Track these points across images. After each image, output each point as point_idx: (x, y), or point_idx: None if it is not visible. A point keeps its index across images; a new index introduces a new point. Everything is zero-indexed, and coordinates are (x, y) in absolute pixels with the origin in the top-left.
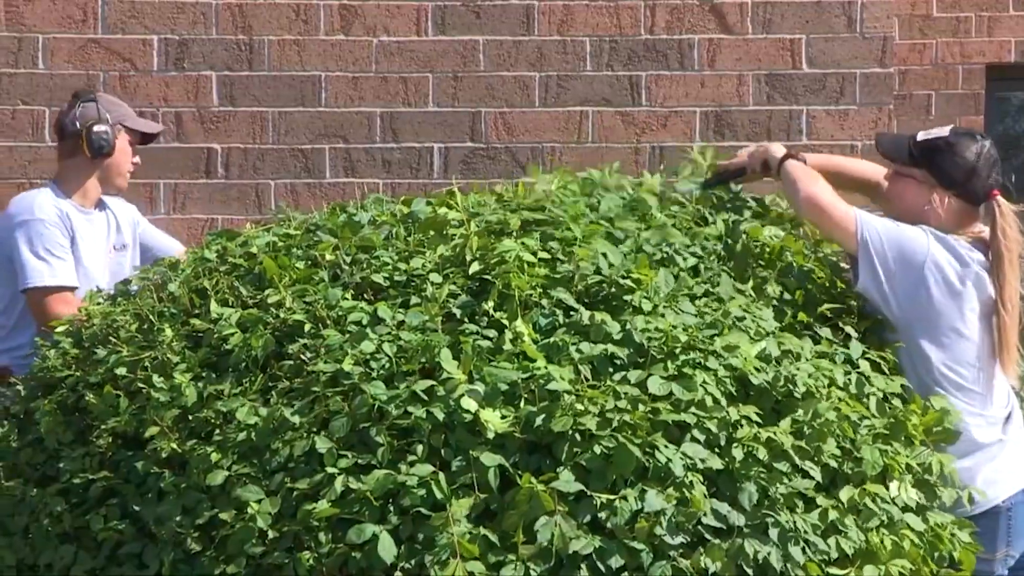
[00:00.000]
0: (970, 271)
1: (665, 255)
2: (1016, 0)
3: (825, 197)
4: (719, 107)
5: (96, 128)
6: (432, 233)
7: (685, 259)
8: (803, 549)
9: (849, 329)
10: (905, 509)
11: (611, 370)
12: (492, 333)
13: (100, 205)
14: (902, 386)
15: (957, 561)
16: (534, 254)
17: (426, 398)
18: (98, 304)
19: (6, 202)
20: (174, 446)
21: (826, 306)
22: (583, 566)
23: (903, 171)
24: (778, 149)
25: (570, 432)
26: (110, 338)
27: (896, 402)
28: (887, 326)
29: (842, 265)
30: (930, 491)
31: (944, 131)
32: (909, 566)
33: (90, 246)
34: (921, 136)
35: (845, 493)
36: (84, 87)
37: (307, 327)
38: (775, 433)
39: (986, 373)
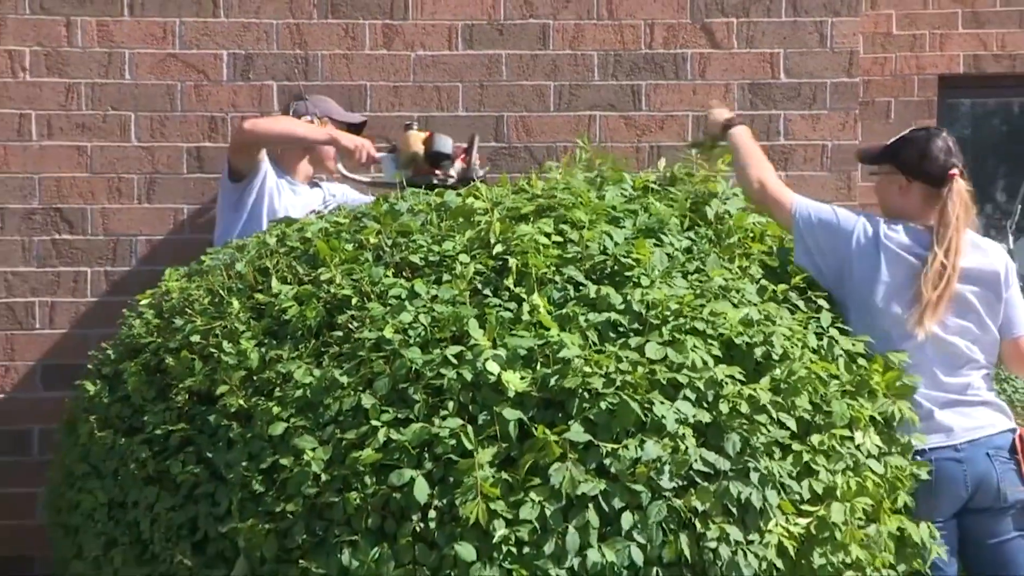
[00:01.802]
0: (889, 250)
1: (661, 237)
2: (964, 20)
3: (771, 181)
4: (709, 112)
5: (304, 119)
6: (461, 220)
7: (679, 241)
8: (779, 490)
9: (821, 301)
10: (868, 455)
11: (614, 336)
12: (512, 305)
13: (312, 184)
14: (865, 347)
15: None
16: (548, 237)
17: (456, 362)
18: (176, 281)
19: (100, 195)
20: (241, 402)
21: (799, 278)
22: (590, 506)
23: (877, 171)
24: (720, 113)
25: (579, 390)
26: (186, 310)
27: (861, 361)
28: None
29: None
30: (890, 439)
31: (907, 131)
32: (870, 503)
33: (294, 213)
34: (890, 141)
35: (816, 441)
36: (163, 96)
37: (354, 300)
38: (755, 390)
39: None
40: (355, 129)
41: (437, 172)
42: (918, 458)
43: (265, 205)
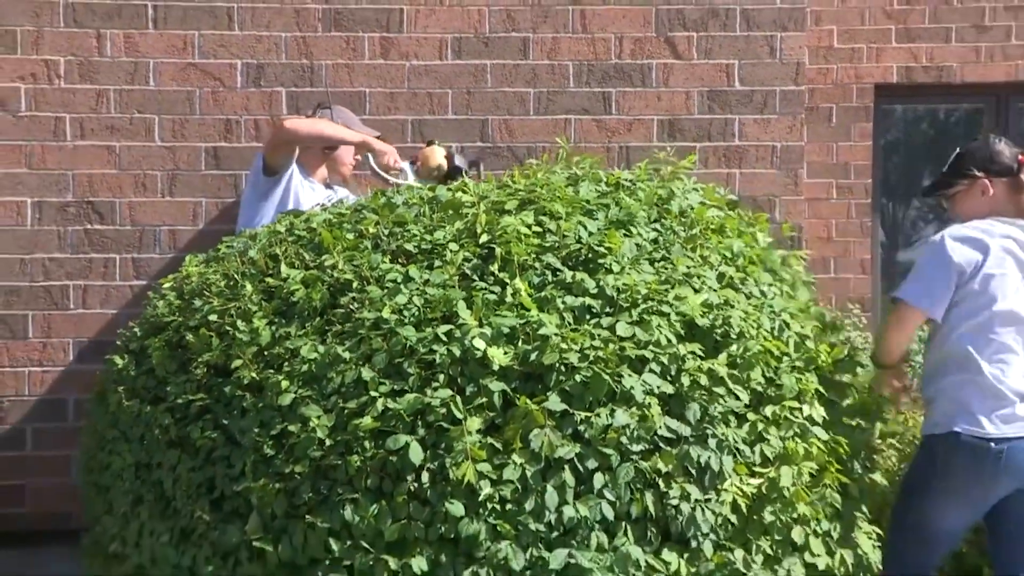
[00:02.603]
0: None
1: (630, 229)
2: (897, 35)
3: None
4: (671, 116)
5: None
6: (450, 212)
7: (647, 232)
8: (734, 455)
9: (774, 288)
10: (813, 423)
11: (588, 317)
12: (497, 289)
13: (327, 185)
14: (813, 328)
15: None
16: (529, 227)
17: (446, 339)
18: (195, 266)
19: (127, 189)
20: (253, 375)
21: (752, 267)
22: (566, 467)
23: (951, 192)
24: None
25: (556, 365)
26: (204, 292)
27: (809, 343)
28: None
29: (767, 238)
30: (833, 409)
31: (953, 154)
32: (815, 467)
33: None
34: (946, 167)
35: (768, 411)
36: (183, 101)
37: (355, 284)
38: (714, 365)
39: None
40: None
41: (450, 183)
42: (992, 445)
43: (291, 199)
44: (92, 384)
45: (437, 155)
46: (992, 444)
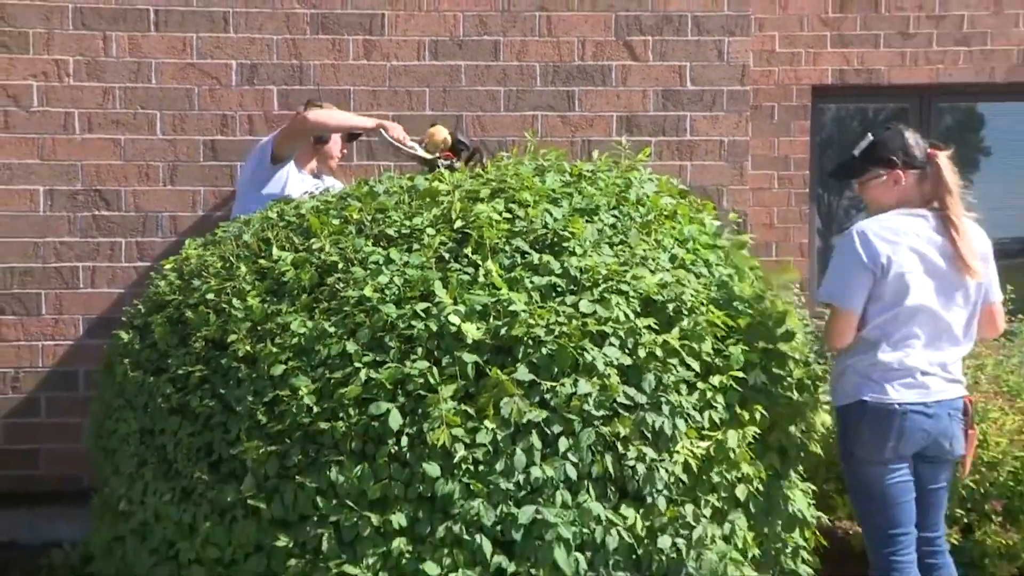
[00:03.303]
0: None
1: (592, 215)
2: (832, 42)
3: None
4: (629, 113)
5: None
6: (428, 200)
7: (607, 218)
8: (686, 420)
9: (721, 269)
10: (756, 391)
11: (554, 295)
12: (470, 270)
13: (316, 175)
14: (759, 302)
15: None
16: (499, 214)
17: (424, 315)
18: (194, 249)
19: (132, 179)
20: (247, 348)
21: (703, 251)
22: (533, 432)
23: (864, 179)
24: None
25: (525, 338)
26: (202, 273)
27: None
28: None
29: (715, 222)
30: (775, 378)
31: (864, 140)
32: (758, 431)
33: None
34: (857, 151)
35: (716, 380)
36: (183, 98)
37: (340, 265)
38: (668, 338)
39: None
40: (354, 136)
41: (451, 156)
42: (896, 407)
43: (289, 186)
44: (100, 357)
45: (442, 131)
46: (896, 407)
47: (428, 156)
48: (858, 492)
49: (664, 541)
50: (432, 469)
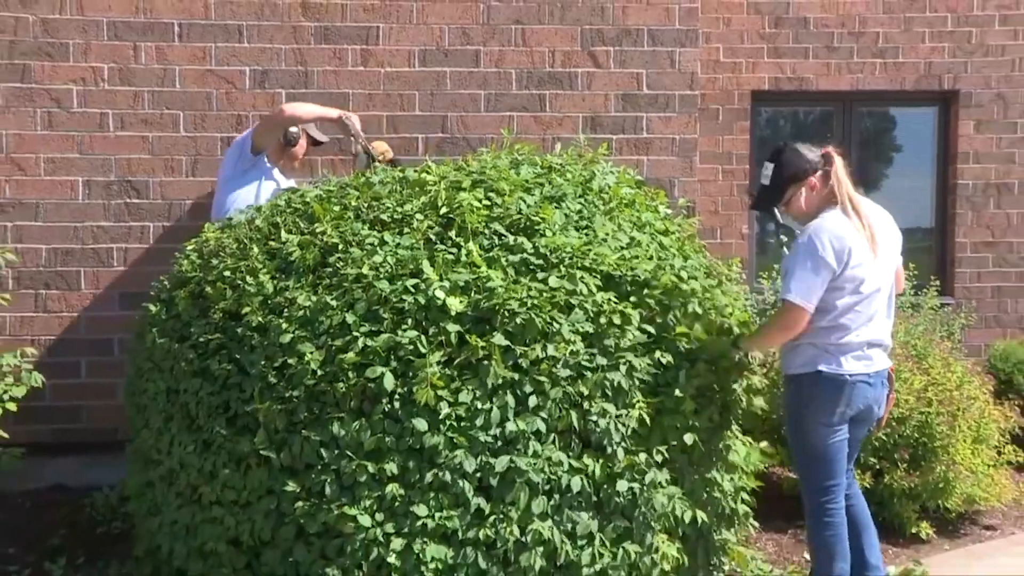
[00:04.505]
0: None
1: (560, 202)
2: (768, 53)
3: (783, 337)
4: (593, 114)
5: (291, 130)
6: (417, 189)
7: (574, 205)
8: (640, 379)
9: (675, 248)
10: (701, 350)
11: (526, 272)
12: (454, 251)
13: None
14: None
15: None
16: (480, 201)
17: (413, 290)
18: (212, 232)
19: (159, 171)
20: (259, 319)
21: (657, 234)
22: (508, 391)
23: (786, 199)
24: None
25: (501, 310)
26: (220, 253)
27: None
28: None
29: (668, 210)
30: (713, 339)
31: (767, 169)
32: (704, 383)
33: (270, 188)
34: (764, 181)
35: (666, 344)
36: (203, 100)
37: (340, 246)
38: (626, 308)
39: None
40: (318, 143)
41: (387, 163)
42: (848, 378)
43: (263, 175)
44: (132, 326)
45: (384, 145)
46: (848, 377)
47: (375, 156)
48: (804, 449)
49: (621, 485)
50: (420, 424)
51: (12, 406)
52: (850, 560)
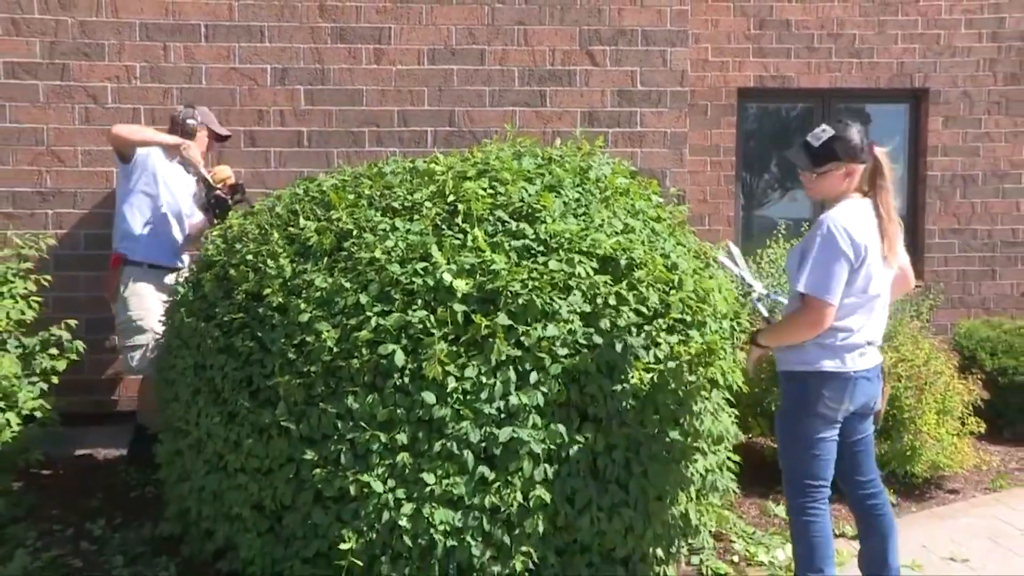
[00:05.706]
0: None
1: (559, 191)
2: (753, 52)
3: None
4: (591, 109)
5: (188, 122)
6: (426, 178)
7: (572, 193)
8: (635, 356)
9: (665, 234)
10: (692, 329)
11: (528, 256)
12: (461, 236)
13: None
14: (699, 260)
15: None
16: (484, 190)
17: (423, 273)
18: (236, 219)
19: None
20: (280, 299)
21: (650, 221)
22: (511, 367)
23: (821, 170)
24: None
25: (504, 291)
26: (243, 238)
27: (697, 275)
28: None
29: (660, 198)
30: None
31: (824, 133)
32: (695, 362)
33: (173, 180)
34: (816, 142)
35: (660, 323)
36: (227, 96)
37: (354, 232)
38: (620, 289)
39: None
40: (223, 139)
41: (228, 189)
42: (852, 375)
43: (155, 176)
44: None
45: (227, 171)
46: (852, 374)
47: (212, 183)
48: (793, 445)
49: (617, 455)
50: (429, 397)
51: (55, 379)
52: (870, 562)
